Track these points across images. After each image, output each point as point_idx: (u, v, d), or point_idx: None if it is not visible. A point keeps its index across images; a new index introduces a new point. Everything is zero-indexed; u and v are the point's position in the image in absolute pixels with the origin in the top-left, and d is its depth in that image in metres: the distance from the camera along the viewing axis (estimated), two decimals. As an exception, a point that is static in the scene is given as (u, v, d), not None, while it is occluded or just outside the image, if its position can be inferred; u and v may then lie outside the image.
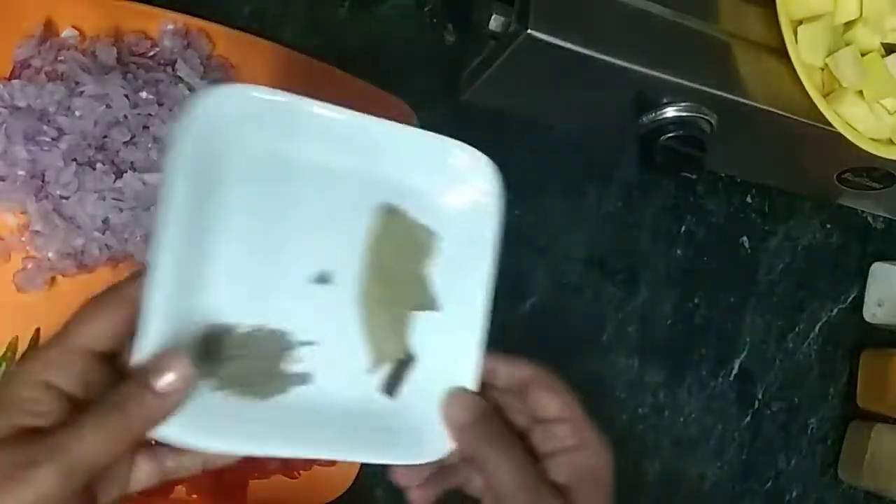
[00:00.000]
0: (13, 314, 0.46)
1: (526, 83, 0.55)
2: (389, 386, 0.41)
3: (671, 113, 0.53)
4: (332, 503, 0.51)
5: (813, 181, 0.67)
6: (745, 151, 0.63)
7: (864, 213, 0.73)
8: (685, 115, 0.53)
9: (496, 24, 0.51)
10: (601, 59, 0.49)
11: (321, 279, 0.40)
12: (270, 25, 0.53)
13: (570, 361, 0.47)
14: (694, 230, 0.68)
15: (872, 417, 0.71)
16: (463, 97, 0.57)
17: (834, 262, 0.73)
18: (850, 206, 0.72)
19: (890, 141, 0.56)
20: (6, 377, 0.46)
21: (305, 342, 0.40)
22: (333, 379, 0.40)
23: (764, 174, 0.68)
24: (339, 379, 0.40)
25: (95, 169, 0.47)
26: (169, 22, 0.49)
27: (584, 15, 0.50)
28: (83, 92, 0.47)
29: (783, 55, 0.53)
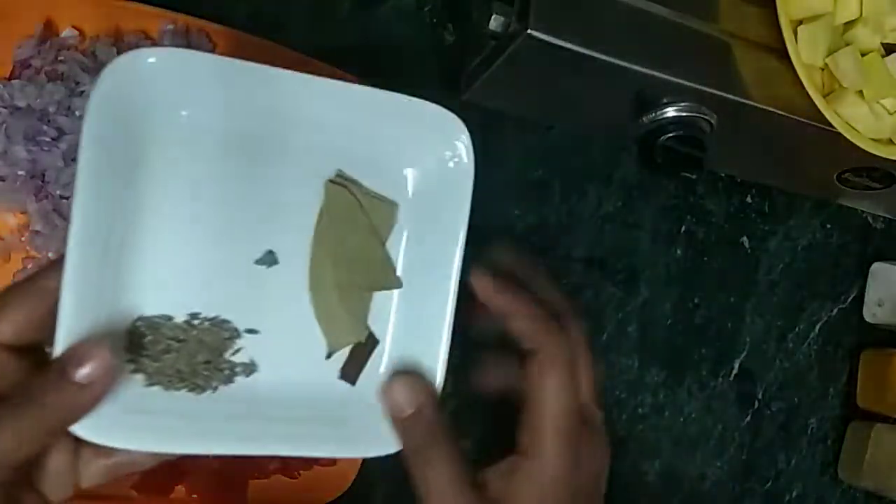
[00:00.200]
0: (13, 314, 0.46)
1: (526, 83, 0.55)
2: (349, 372, 0.38)
3: (671, 113, 0.53)
4: (332, 503, 0.51)
5: (813, 181, 0.67)
6: (745, 151, 0.63)
7: (864, 213, 0.73)
8: (685, 115, 0.53)
9: (496, 24, 0.51)
10: (601, 59, 0.49)
11: (267, 261, 0.37)
12: (270, 25, 0.53)
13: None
14: (694, 230, 0.68)
15: (872, 417, 0.70)
16: (463, 97, 0.57)
17: (834, 262, 0.73)
18: (850, 206, 0.72)
19: (890, 141, 0.56)
20: None
21: (250, 330, 0.37)
22: (283, 369, 0.37)
23: (764, 174, 0.68)
24: (290, 368, 0.37)
25: (95, 169, 0.47)
26: (169, 22, 0.49)
27: (584, 15, 0.50)
28: (83, 92, 0.47)
29: (783, 55, 0.53)
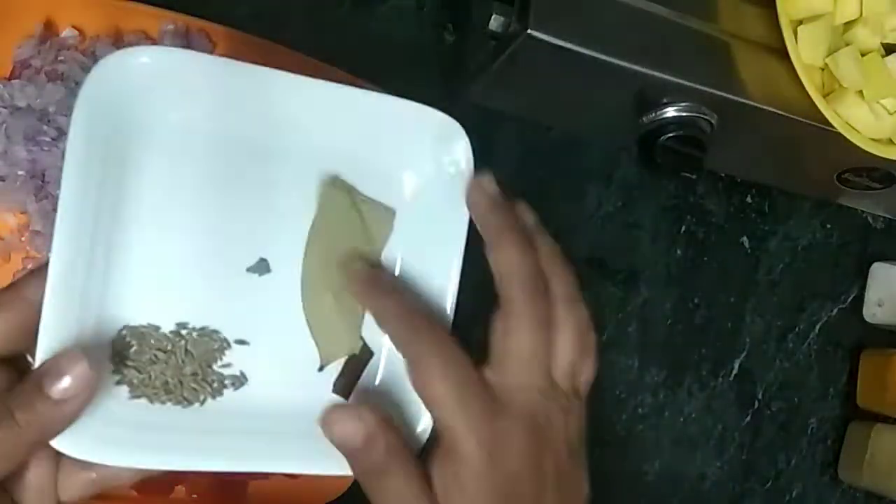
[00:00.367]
0: (13, 314, 0.46)
1: (526, 83, 0.55)
2: (343, 386, 0.37)
3: (671, 113, 0.53)
4: (331, 503, 0.51)
5: (813, 181, 0.67)
6: (745, 151, 0.63)
7: (864, 213, 0.73)
8: (685, 115, 0.53)
9: (496, 24, 0.51)
10: (601, 59, 0.49)
11: (259, 269, 0.36)
12: (270, 25, 0.53)
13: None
14: (694, 230, 0.67)
15: (872, 417, 0.70)
16: (463, 97, 0.57)
17: (834, 262, 0.73)
18: (850, 206, 0.72)
19: (890, 141, 0.56)
20: None
21: (240, 341, 0.36)
22: (274, 382, 0.36)
23: (764, 174, 0.68)
24: (281, 382, 0.36)
25: (95, 169, 0.47)
26: (169, 22, 0.49)
27: (584, 15, 0.50)
28: (83, 92, 0.47)
29: (783, 55, 0.53)
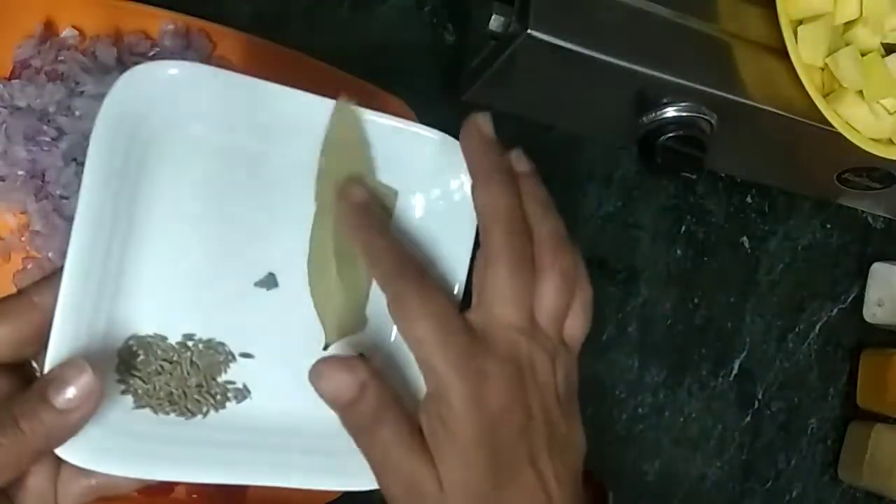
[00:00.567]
0: (13, 314, 0.46)
1: (526, 83, 0.55)
2: None
3: (671, 113, 0.53)
4: (332, 503, 0.51)
5: (813, 181, 0.67)
6: (745, 151, 0.63)
7: (864, 213, 0.73)
8: (685, 115, 0.53)
9: (496, 24, 0.51)
10: (601, 59, 0.49)
11: (267, 283, 0.36)
12: (270, 25, 0.53)
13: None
14: (694, 230, 0.67)
15: (872, 417, 0.70)
16: (463, 97, 0.57)
17: (834, 262, 0.73)
18: (850, 206, 0.72)
19: (890, 141, 0.56)
20: None
21: (245, 354, 0.36)
22: (277, 397, 0.36)
23: (764, 174, 0.68)
24: (283, 397, 0.36)
25: (95, 169, 0.47)
26: (169, 22, 0.49)
27: (584, 15, 0.50)
28: (83, 92, 0.47)
29: (783, 55, 0.53)
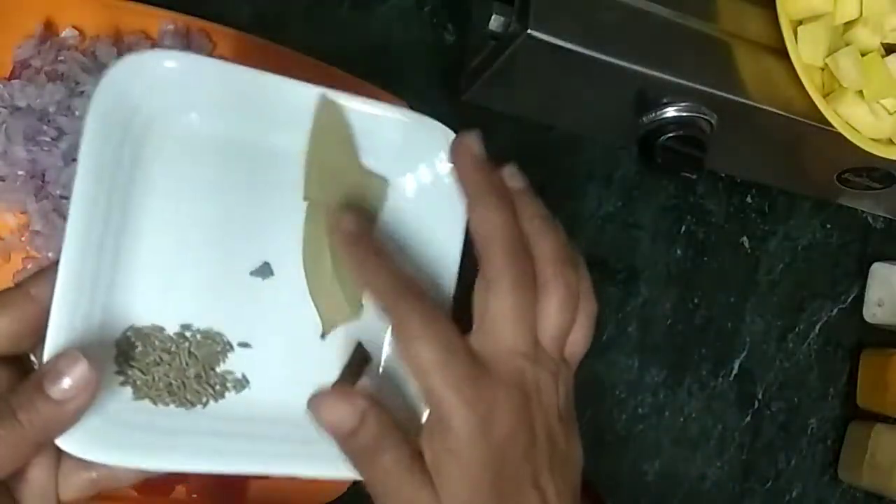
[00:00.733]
0: (13, 314, 0.46)
1: (526, 83, 0.55)
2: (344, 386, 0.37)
3: (671, 113, 0.53)
4: (332, 503, 0.51)
5: (813, 181, 0.67)
6: (745, 151, 0.63)
7: (864, 213, 0.73)
8: (685, 115, 0.53)
9: (496, 24, 0.51)
10: (601, 59, 0.49)
11: (262, 273, 0.36)
12: (270, 25, 0.53)
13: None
14: (694, 230, 0.67)
15: (872, 417, 0.70)
16: (463, 97, 0.57)
17: (834, 262, 0.73)
18: (850, 206, 0.72)
19: (890, 141, 0.56)
20: None
21: (243, 344, 0.36)
22: (275, 386, 0.36)
23: (764, 174, 0.68)
24: (282, 386, 0.36)
25: (95, 169, 0.47)
26: (169, 22, 0.49)
27: (584, 15, 0.50)
28: (83, 92, 0.47)
29: (783, 55, 0.53)
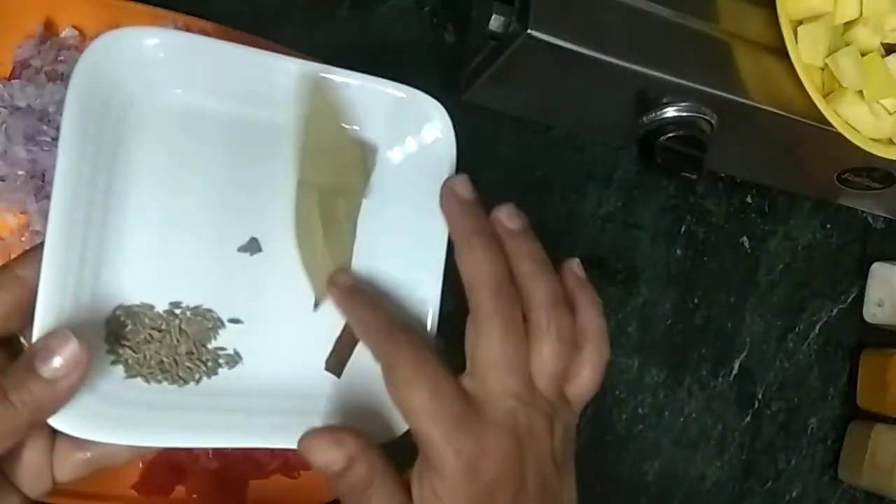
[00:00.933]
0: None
1: (526, 83, 0.55)
2: (334, 365, 0.37)
3: (671, 113, 0.53)
4: (332, 503, 0.51)
5: (813, 181, 0.67)
6: (745, 151, 0.63)
7: (864, 213, 0.73)
8: (685, 115, 0.53)
9: (496, 24, 0.51)
10: (601, 59, 0.49)
11: (250, 248, 0.36)
12: (270, 25, 0.53)
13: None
14: (694, 230, 0.68)
15: (872, 417, 0.70)
16: (463, 97, 0.57)
17: (834, 262, 0.73)
18: (850, 206, 0.72)
19: (890, 141, 0.56)
20: None
21: (234, 320, 0.36)
22: (268, 361, 0.37)
23: (764, 174, 0.68)
24: (274, 360, 0.37)
25: (95, 169, 0.47)
26: (169, 22, 0.49)
27: (584, 15, 0.50)
28: (83, 92, 0.47)
29: (783, 55, 0.53)
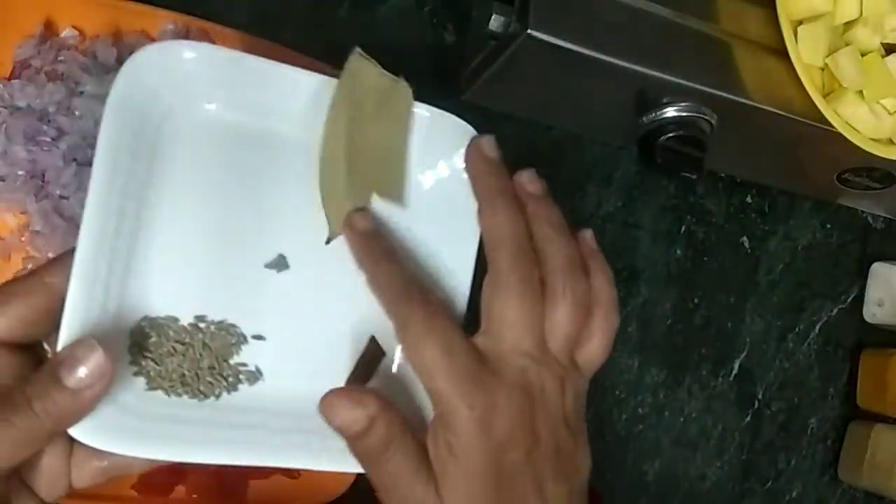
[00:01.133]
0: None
1: (526, 83, 0.55)
2: (355, 384, 0.37)
3: (671, 113, 0.53)
4: (332, 503, 0.51)
5: (813, 181, 0.67)
6: (745, 151, 0.63)
7: (864, 213, 0.73)
8: (685, 115, 0.53)
9: (496, 24, 0.51)
10: (601, 59, 0.49)
11: (277, 265, 0.36)
12: (270, 25, 0.53)
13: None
14: (694, 230, 0.68)
15: (872, 417, 0.70)
16: (463, 97, 0.57)
17: (834, 262, 0.73)
18: (850, 206, 0.72)
19: (890, 141, 0.56)
20: None
21: (257, 336, 0.36)
22: (288, 379, 0.36)
23: (764, 174, 0.68)
24: (295, 379, 0.36)
25: (95, 169, 0.47)
26: (169, 22, 0.49)
27: (584, 15, 0.50)
28: (83, 92, 0.47)
29: (783, 55, 0.53)
